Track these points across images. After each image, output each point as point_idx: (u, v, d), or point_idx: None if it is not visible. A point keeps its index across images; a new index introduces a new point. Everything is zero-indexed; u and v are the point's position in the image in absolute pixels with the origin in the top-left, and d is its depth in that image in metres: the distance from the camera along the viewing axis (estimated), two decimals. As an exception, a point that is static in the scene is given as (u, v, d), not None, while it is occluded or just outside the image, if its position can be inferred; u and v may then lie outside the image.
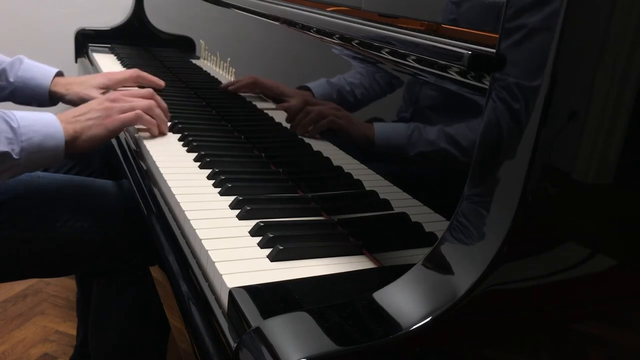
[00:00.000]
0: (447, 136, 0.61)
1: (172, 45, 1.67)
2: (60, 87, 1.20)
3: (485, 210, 0.50)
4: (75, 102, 1.17)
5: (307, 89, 0.86)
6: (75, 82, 1.20)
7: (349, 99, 0.76)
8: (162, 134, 1.07)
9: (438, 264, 0.52)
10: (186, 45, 1.50)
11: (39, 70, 1.20)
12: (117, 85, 1.25)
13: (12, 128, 0.86)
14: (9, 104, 1.18)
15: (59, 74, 1.23)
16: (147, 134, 1.06)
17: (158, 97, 1.09)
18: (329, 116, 0.83)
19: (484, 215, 0.49)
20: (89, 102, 1.01)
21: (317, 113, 0.86)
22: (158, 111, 1.06)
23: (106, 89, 1.22)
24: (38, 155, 0.89)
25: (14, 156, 0.86)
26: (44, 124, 0.90)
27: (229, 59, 1.20)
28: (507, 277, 0.49)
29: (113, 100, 1.00)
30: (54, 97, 1.21)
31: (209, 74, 1.33)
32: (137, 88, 1.23)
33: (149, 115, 1.03)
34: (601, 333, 0.59)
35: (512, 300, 0.51)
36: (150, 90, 1.09)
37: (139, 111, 1.01)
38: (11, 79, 1.18)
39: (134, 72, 1.26)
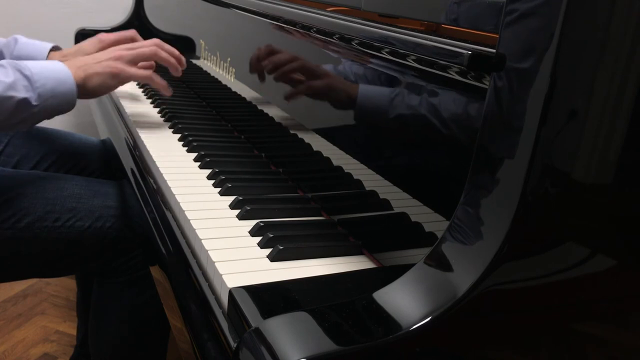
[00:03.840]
0: (440, 121, 0.61)
1: (172, 45, 1.66)
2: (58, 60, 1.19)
3: (485, 210, 0.50)
4: None
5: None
6: (70, 54, 1.19)
7: None
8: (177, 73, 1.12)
9: (438, 264, 0.52)
10: (186, 45, 1.50)
11: (34, 48, 1.19)
12: (111, 46, 1.21)
13: (25, 76, 0.88)
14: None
15: (55, 48, 1.21)
16: (147, 133, 1.06)
17: (166, 45, 1.10)
18: (301, 61, 0.85)
19: (483, 215, 0.49)
20: (99, 52, 1.04)
21: (291, 56, 0.88)
22: (164, 55, 1.09)
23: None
24: (53, 101, 0.91)
25: (33, 102, 0.88)
26: (54, 70, 0.93)
27: (229, 59, 1.20)
28: (507, 277, 0.49)
29: (123, 49, 1.04)
30: None
31: (209, 74, 1.33)
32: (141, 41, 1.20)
33: (157, 57, 1.07)
34: (601, 333, 0.59)
35: (512, 300, 0.51)
36: (156, 40, 1.10)
37: (150, 73, 1.06)
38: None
39: (129, 32, 1.23)
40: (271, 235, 0.69)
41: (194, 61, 1.45)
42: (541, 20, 0.46)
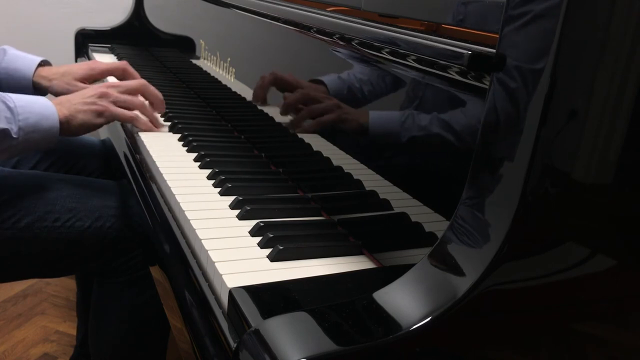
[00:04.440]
0: (440, 121, 0.61)
1: (172, 45, 1.67)
2: (44, 78, 1.17)
3: (485, 210, 0.50)
4: (60, 93, 1.14)
5: (322, 82, 0.86)
6: (59, 73, 1.18)
7: (358, 95, 0.76)
8: (155, 127, 1.10)
9: (438, 264, 0.52)
10: (186, 45, 1.50)
11: (23, 62, 1.17)
12: (101, 75, 1.22)
13: (9, 108, 0.88)
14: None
15: (43, 63, 1.20)
16: (147, 133, 1.07)
17: (152, 88, 1.09)
18: (318, 113, 0.85)
19: (483, 215, 0.49)
20: (85, 90, 1.03)
21: (307, 112, 0.88)
22: (150, 111, 1.08)
23: (90, 79, 1.20)
24: (34, 136, 0.90)
25: (13, 135, 0.88)
26: (39, 105, 0.92)
27: (229, 59, 1.20)
28: (507, 277, 0.49)
29: (111, 86, 1.03)
30: (38, 88, 1.18)
31: (209, 74, 1.33)
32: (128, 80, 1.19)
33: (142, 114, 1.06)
34: (601, 333, 0.59)
35: (512, 300, 0.51)
36: (142, 80, 1.10)
37: (135, 114, 1.04)
38: None
39: (121, 64, 1.22)
40: (271, 235, 0.69)
41: (194, 61, 1.45)
42: (542, 21, 0.46)
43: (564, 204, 0.50)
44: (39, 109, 0.92)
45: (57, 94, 1.16)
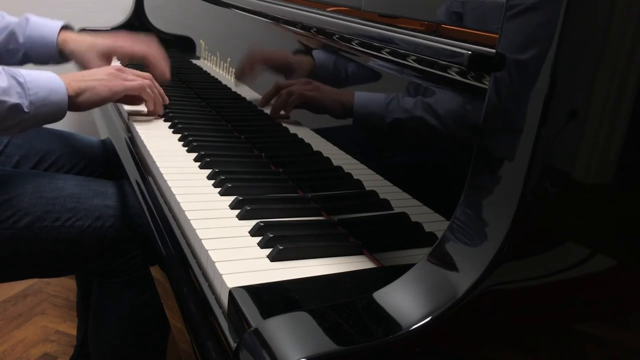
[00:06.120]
0: (430, 106, 0.61)
1: (172, 45, 1.67)
2: (69, 44, 1.20)
3: (485, 210, 0.50)
4: (80, 63, 1.19)
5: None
6: (84, 43, 1.20)
7: (343, 76, 0.77)
8: (157, 112, 1.15)
9: (438, 264, 0.52)
10: (186, 45, 1.50)
11: (45, 28, 1.20)
12: (122, 57, 1.27)
13: (19, 83, 0.90)
14: (31, 65, 1.19)
15: (66, 27, 1.22)
16: (147, 133, 1.07)
17: (156, 88, 1.14)
18: (296, 92, 0.88)
19: (483, 215, 0.49)
20: (96, 69, 1.08)
21: (286, 93, 0.90)
22: (158, 87, 1.13)
23: (111, 56, 1.23)
24: (44, 110, 0.93)
25: (25, 109, 0.90)
26: (47, 79, 0.94)
27: (229, 59, 1.20)
28: (507, 277, 0.49)
29: (118, 70, 1.07)
30: (62, 55, 1.21)
31: (209, 74, 1.33)
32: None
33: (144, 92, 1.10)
34: (601, 333, 0.59)
35: (512, 300, 0.51)
36: (150, 75, 1.13)
37: (142, 82, 1.08)
38: (21, 40, 1.19)
39: (145, 52, 1.25)
40: (271, 235, 0.69)
41: (194, 61, 1.45)
42: (542, 18, 0.46)
43: (564, 204, 0.50)
44: (48, 83, 0.94)
45: (77, 62, 1.20)
